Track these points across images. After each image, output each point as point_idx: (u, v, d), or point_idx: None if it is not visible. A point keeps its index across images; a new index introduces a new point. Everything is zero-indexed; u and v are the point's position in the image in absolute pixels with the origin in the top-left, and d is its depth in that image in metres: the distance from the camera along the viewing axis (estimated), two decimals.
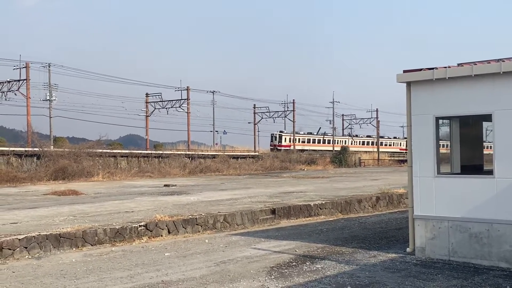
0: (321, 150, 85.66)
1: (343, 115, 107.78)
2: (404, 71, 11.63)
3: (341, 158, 74.50)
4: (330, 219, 18.87)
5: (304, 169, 62.52)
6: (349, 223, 17.69)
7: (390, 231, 15.51)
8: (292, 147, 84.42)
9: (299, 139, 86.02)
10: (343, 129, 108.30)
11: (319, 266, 10.71)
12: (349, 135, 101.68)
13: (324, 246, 12.96)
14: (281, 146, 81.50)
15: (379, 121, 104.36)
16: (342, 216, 19.81)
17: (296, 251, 12.38)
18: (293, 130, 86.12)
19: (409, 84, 11.67)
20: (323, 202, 20.19)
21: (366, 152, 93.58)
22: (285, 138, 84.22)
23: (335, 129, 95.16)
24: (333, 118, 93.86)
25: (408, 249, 11.93)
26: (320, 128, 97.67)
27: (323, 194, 23.82)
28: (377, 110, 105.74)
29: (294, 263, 10.97)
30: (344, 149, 78.71)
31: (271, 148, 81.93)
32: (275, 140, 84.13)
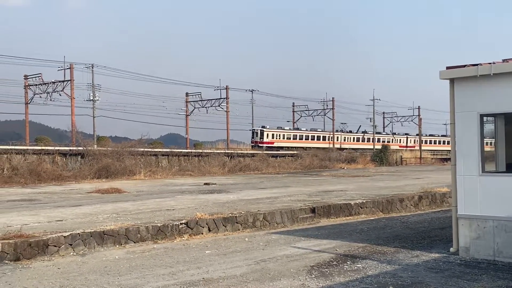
0: (312, 148, 74.76)
1: (384, 112, 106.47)
2: (448, 68, 11.39)
3: (382, 156, 73.56)
4: (371, 218, 18.67)
5: (344, 168, 61.99)
6: (391, 222, 17.46)
7: (433, 231, 15.23)
8: (275, 144, 76.39)
9: (283, 135, 75.49)
10: (383, 127, 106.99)
11: (360, 265, 10.61)
12: (391, 133, 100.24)
13: (365, 246, 12.83)
14: (263, 143, 71.01)
15: (421, 118, 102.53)
16: (383, 215, 19.57)
17: (336, 250, 12.29)
18: (333, 128, 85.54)
19: (452, 81, 11.42)
20: (364, 201, 19.99)
21: (408, 150, 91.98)
22: (268, 134, 72.86)
23: (375, 127, 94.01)
24: (374, 115, 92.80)
25: (451, 249, 11.69)
26: (360, 126, 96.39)
27: (364, 193, 23.58)
28: (418, 108, 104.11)
29: (334, 262, 10.90)
30: (385, 147, 77.67)
31: (252, 145, 71.89)
32: (256, 136, 73.44)
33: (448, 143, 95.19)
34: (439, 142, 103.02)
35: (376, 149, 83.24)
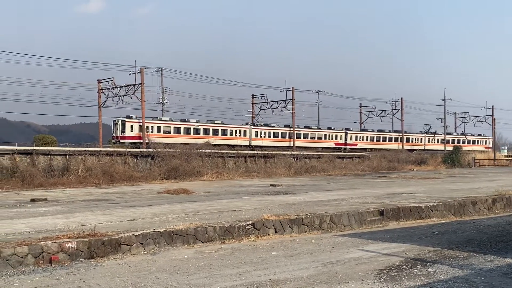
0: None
1: (455, 113, 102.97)
2: None
3: (453, 158, 71.30)
4: (442, 221, 18.11)
5: (413, 170, 60.52)
6: (463, 226, 16.87)
7: (508, 235, 14.59)
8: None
9: (158, 127, 55.41)
10: (455, 128, 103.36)
11: (431, 270, 10.31)
12: (463, 134, 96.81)
13: (436, 250, 12.45)
14: (125, 138, 53.01)
15: (494, 118, 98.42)
16: (455, 218, 18.95)
17: (406, 254, 12.00)
18: (402, 129, 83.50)
19: None
20: (435, 203, 19.42)
21: (480, 151, 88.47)
22: (132, 126, 53.48)
23: (446, 128, 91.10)
24: (445, 116, 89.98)
25: None
26: (430, 126, 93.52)
27: (435, 195, 22.92)
28: (492, 108, 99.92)
29: (404, 266, 10.64)
30: (457, 148, 75.17)
31: (112, 142, 54.65)
32: (117, 130, 54.01)
33: None
34: None
35: (447, 150, 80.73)
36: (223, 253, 12.32)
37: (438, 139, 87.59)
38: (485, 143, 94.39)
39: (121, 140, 52.33)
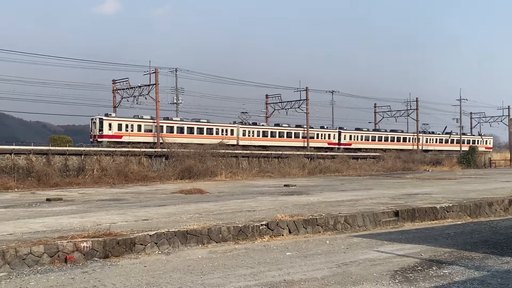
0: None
1: (471, 113, 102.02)
2: None
3: (469, 158, 70.74)
4: (458, 222, 17.95)
5: (428, 170, 60.13)
6: (479, 227, 16.71)
7: None
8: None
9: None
10: (471, 128, 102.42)
11: (446, 271, 10.21)
12: (479, 134, 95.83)
13: (452, 251, 12.34)
14: (103, 136, 49.69)
15: (511, 119, 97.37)
16: (471, 219, 18.78)
17: (421, 255, 11.91)
18: (417, 129, 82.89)
19: None
20: (450, 204, 19.26)
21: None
22: (111, 125, 49.95)
23: (462, 128, 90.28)
24: (460, 116, 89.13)
25: None
26: (446, 127, 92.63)
27: (450, 196, 22.73)
28: (508, 108, 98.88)
29: (419, 268, 10.56)
30: (473, 149, 74.51)
31: (90, 141, 51.32)
32: (95, 128, 50.47)
33: None
34: None
35: (463, 150, 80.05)
36: (237, 253, 12.32)
37: (436, 139, 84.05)
38: (486, 143, 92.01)
39: (99, 139, 49.34)
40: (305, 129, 67.02)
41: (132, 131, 50.86)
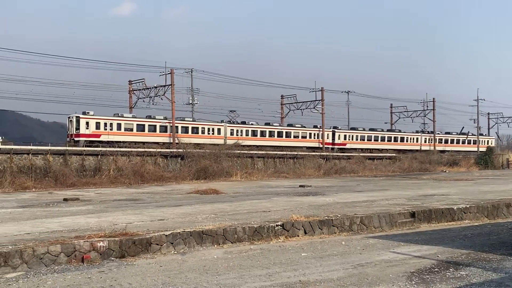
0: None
1: (488, 113, 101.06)
2: None
3: (486, 159, 70.04)
4: (475, 224, 17.77)
5: (445, 171, 59.67)
6: (497, 228, 16.52)
7: None
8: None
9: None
10: (488, 129, 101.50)
11: (463, 273, 10.11)
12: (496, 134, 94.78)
13: (469, 252, 12.22)
14: (79, 135, 47.13)
15: None
16: (488, 220, 18.58)
17: (438, 256, 11.81)
18: (434, 130, 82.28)
19: None
20: (468, 205, 19.07)
21: None
22: (88, 123, 47.53)
23: (479, 128, 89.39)
24: (478, 116, 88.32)
25: None
26: (463, 127, 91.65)
27: (467, 197, 22.52)
28: None
29: (436, 269, 10.47)
30: (490, 149, 73.77)
31: (67, 141, 48.29)
32: (72, 127, 47.88)
33: None
34: None
35: (480, 151, 79.24)
36: (252, 254, 12.32)
37: (426, 139, 79.63)
38: (487, 143, 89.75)
39: (76, 138, 47.11)
40: (298, 128, 64.42)
41: (111, 129, 48.65)
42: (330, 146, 66.69)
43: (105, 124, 48.35)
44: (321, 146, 64.86)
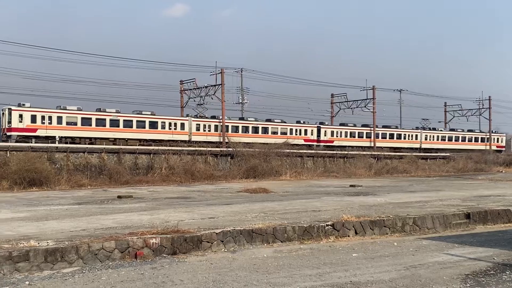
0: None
1: None
2: None
3: None
4: None
5: (501, 171, 57.79)
6: None
7: None
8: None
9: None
10: None
11: None
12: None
13: None
14: (11, 130, 42.41)
15: None
16: None
17: (494, 258, 11.44)
18: (489, 129, 79.84)
19: None
20: None
21: None
22: (22, 116, 42.60)
23: None
24: None
25: None
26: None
27: None
28: None
29: (492, 272, 10.15)
30: None
31: (1, 139, 42.80)
32: (4, 121, 43.35)
33: None
34: None
35: None
36: (302, 253, 12.28)
37: (411, 135, 70.46)
38: (497, 141, 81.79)
39: (8, 133, 42.34)
40: (278, 124, 58.54)
41: (50, 123, 43.50)
42: (315, 143, 60.86)
43: (43, 117, 43.23)
44: (305, 143, 59.29)
